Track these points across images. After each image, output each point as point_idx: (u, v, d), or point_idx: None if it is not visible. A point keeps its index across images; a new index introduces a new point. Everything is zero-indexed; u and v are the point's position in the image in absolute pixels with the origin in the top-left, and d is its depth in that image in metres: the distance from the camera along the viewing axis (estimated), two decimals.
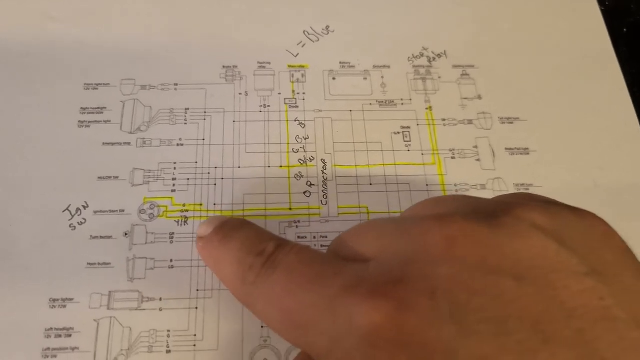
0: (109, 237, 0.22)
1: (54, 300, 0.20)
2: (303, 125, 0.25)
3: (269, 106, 0.25)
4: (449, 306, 0.12)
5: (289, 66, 0.26)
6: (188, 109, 0.25)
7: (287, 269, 0.15)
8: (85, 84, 0.25)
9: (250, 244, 0.17)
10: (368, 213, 0.23)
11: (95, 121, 0.24)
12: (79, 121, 0.24)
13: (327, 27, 0.27)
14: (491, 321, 0.12)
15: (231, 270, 0.17)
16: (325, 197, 0.23)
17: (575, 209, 0.15)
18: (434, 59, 0.27)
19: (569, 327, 0.11)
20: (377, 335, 0.12)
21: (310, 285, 0.14)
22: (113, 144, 0.23)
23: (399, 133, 0.25)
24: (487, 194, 0.24)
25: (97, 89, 0.25)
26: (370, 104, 0.25)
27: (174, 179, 0.23)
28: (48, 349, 0.20)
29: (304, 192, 0.23)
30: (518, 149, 0.25)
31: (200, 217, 0.22)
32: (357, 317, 0.13)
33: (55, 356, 0.19)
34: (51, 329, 0.20)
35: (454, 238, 0.13)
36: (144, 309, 0.20)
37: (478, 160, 0.25)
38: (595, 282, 0.12)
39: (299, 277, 0.15)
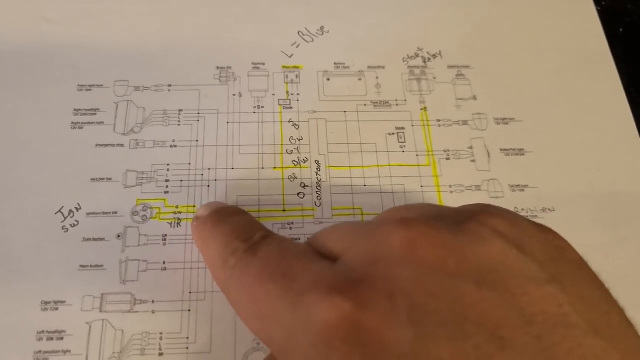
0: (102, 239, 0.21)
1: (46, 302, 0.20)
2: (297, 127, 0.25)
3: (263, 107, 0.25)
4: (407, 308, 0.12)
5: (284, 67, 0.26)
6: (182, 110, 0.24)
7: (265, 258, 0.15)
8: (78, 85, 0.25)
9: (240, 230, 0.17)
10: (362, 214, 0.23)
11: (89, 122, 0.24)
12: (72, 122, 0.24)
13: (322, 28, 0.27)
14: (449, 324, 0.12)
15: (216, 251, 0.17)
16: (319, 198, 0.23)
17: (534, 223, 0.15)
18: (429, 59, 0.27)
19: (528, 333, 0.11)
20: (332, 334, 0.12)
21: (281, 278, 0.14)
22: (106, 145, 0.23)
23: (393, 134, 0.25)
24: (482, 195, 0.24)
25: (90, 90, 0.24)
26: (365, 105, 0.25)
27: (167, 181, 0.23)
28: (40, 352, 0.19)
29: (298, 194, 0.23)
30: (513, 150, 0.25)
31: None
32: (315, 314, 0.12)
33: (47, 359, 0.19)
34: (43, 331, 0.20)
35: (415, 240, 0.13)
36: (136, 312, 0.20)
37: (473, 161, 0.24)
38: (554, 289, 0.12)
39: (273, 267, 0.15)
